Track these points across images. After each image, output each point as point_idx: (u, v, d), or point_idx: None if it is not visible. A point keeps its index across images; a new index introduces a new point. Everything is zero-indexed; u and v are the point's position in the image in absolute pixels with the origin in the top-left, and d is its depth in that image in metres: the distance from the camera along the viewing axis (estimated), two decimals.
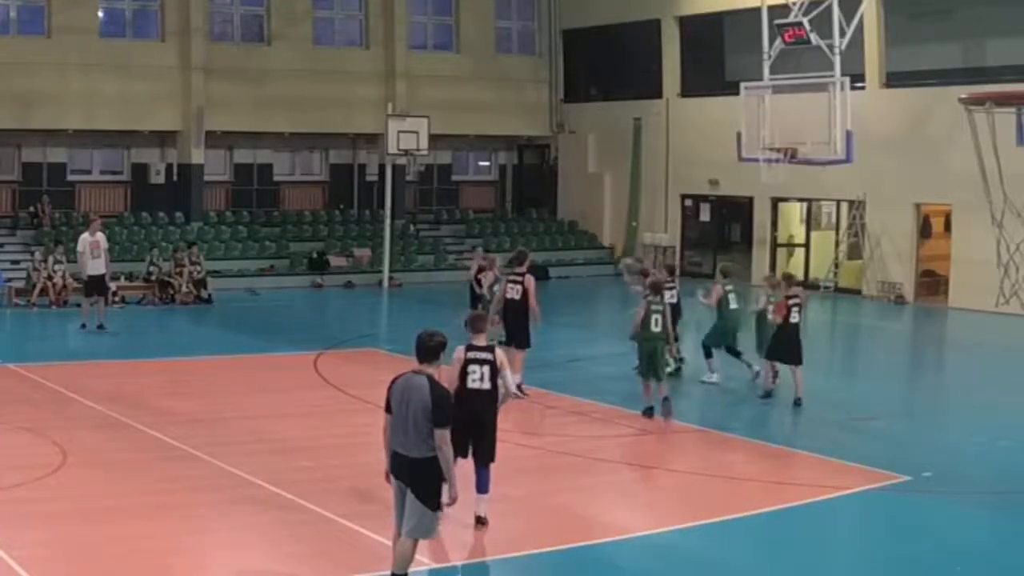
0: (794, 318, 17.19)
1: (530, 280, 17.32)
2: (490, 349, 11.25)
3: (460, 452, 10.60)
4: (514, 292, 17.31)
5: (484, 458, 11.15)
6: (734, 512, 11.93)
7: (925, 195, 29.05)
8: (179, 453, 13.68)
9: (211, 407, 16.42)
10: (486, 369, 11.07)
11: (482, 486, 11.17)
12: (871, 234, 30.14)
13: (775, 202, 32.66)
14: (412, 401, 9.12)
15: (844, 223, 31.51)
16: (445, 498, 9.28)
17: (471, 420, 10.85)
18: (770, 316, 17.60)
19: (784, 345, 17.23)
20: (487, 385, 11.12)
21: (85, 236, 23.37)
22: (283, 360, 20.40)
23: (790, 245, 33.41)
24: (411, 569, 9.64)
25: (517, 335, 17.26)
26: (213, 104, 32.14)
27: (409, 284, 31.99)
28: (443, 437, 9.13)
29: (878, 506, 12.42)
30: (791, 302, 17.20)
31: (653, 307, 15.93)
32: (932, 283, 30.00)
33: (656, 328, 15.84)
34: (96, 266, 23.03)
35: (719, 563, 10.74)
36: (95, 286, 23.09)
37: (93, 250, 23.08)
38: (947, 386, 20.92)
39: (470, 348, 11.16)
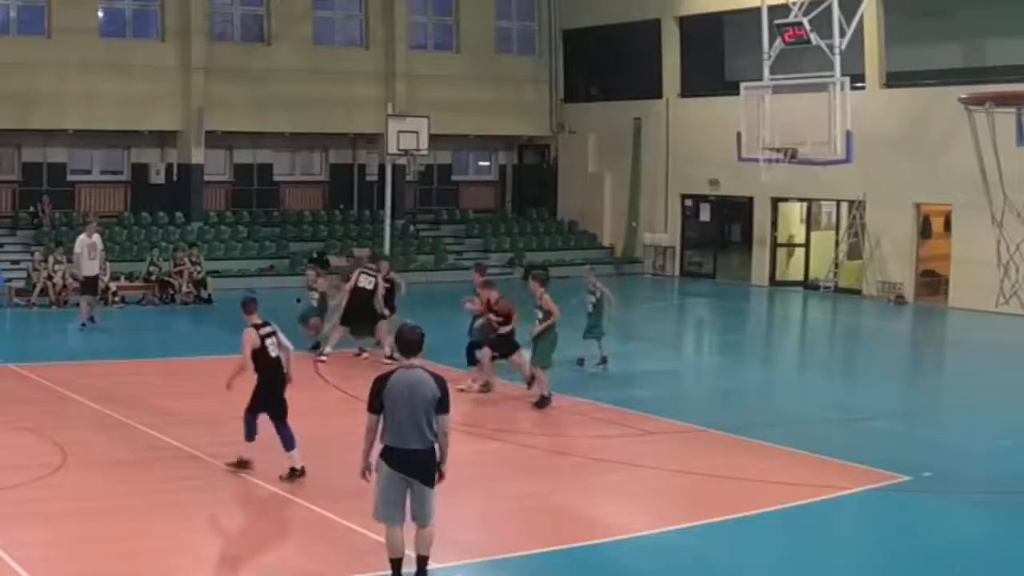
0: None
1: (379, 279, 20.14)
2: (269, 324, 12.95)
3: (264, 408, 12.74)
4: (366, 283, 20.08)
5: (283, 414, 12.76)
6: (734, 512, 11.92)
7: (925, 195, 29.06)
8: (179, 453, 13.69)
9: (211, 407, 16.38)
10: (274, 339, 12.82)
11: (289, 442, 12.65)
12: (871, 234, 30.15)
13: (775, 202, 32.68)
14: (419, 395, 9.30)
15: (844, 223, 31.52)
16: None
17: (277, 382, 12.80)
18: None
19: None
20: (277, 353, 12.82)
21: (82, 238, 23.69)
22: None
23: (790, 245, 33.43)
24: (411, 569, 9.66)
25: (372, 315, 19.95)
26: (213, 104, 32.15)
27: (409, 284, 31.88)
28: (447, 422, 9.48)
29: (878, 506, 12.42)
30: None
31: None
32: (932, 283, 30.00)
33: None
34: (91, 267, 23.44)
35: (719, 563, 10.74)
36: (90, 287, 23.48)
37: (90, 252, 23.45)
38: (947, 386, 20.92)
39: (258, 327, 12.82)
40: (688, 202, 35.31)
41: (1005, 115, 23.58)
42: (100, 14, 31.77)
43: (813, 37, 25.56)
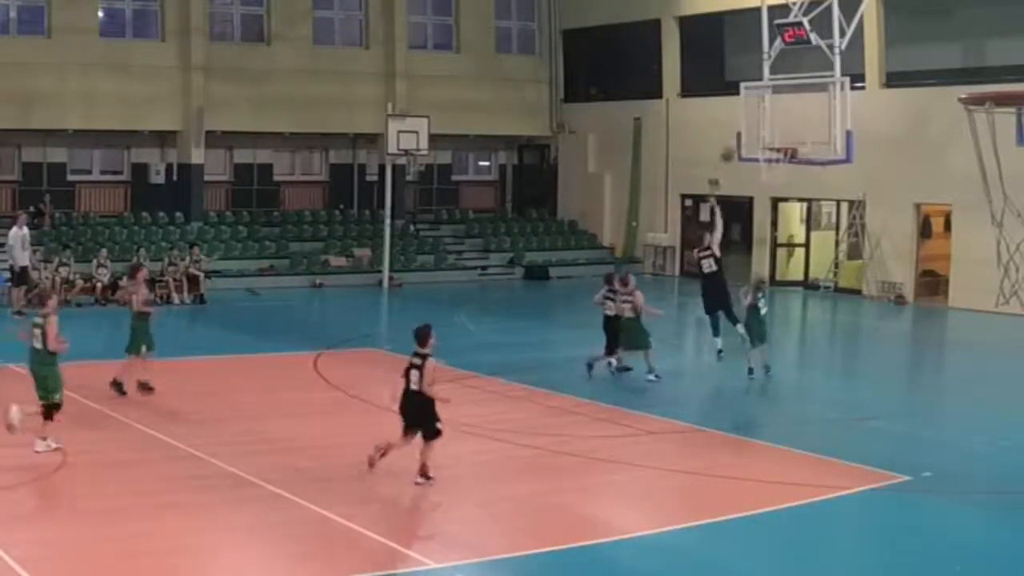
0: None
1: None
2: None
3: None
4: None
5: None
6: (734, 512, 11.93)
7: (925, 195, 29.06)
8: (179, 453, 13.69)
9: (211, 407, 16.43)
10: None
11: None
12: (871, 234, 30.15)
13: (775, 202, 32.67)
14: None
15: (844, 223, 31.52)
16: None
17: None
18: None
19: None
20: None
21: (15, 231, 24.79)
22: (283, 360, 20.39)
23: (790, 245, 33.43)
24: (410, 569, 9.67)
25: None
26: (213, 104, 32.15)
27: (409, 284, 32.00)
28: None
29: (878, 506, 12.42)
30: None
31: None
32: (932, 283, 30.00)
33: None
34: (24, 258, 24.83)
35: (719, 563, 10.74)
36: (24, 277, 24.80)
37: (23, 243, 24.65)
38: (947, 386, 20.92)
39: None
40: (688, 202, 35.31)
41: (1005, 115, 23.54)
42: (100, 14, 31.76)
43: (813, 37, 25.54)
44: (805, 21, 25.57)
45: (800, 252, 33.15)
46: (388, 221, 31.92)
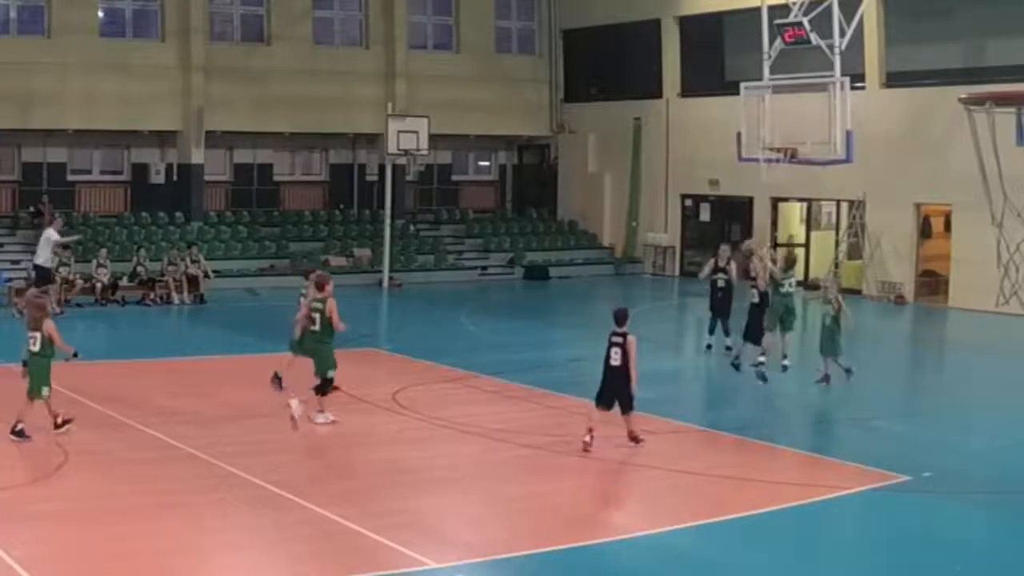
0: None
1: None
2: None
3: None
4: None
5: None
6: (734, 512, 11.92)
7: (925, 195, 29.07)
8: (179, 453, 13.69)
9: (211, 407, 16.41)
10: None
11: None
12: (871, 234, 30.15)
13: (775, 202, 32.68)
14: None
15: (844, 223, 31.53)
16: None
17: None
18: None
19: None
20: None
21: (49, 231, 25.16)
22: (283, 360, 20.34)
23: (790, 245, 33.37)
24: (410, 569, 9.65)
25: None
26: (213, 104, 32.15)
27: (409, 284, 32.00)
28: None
29: (878, 506, 12.42)
30: None
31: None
32: (932, 283, 30.00)
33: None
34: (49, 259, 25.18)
35: (719, 563, 10.74)
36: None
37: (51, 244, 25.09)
38: (947, 386, 20.91)
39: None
40: (688, 202, 35.32)
41: (1005, 115, 23.57)
42: (100, 14, 31.75)
43: (813, 37, 25.56)
44: (805, 21, 25.60)
45: (800, 252, 33.04)
46: (388, 221, 31.92)
